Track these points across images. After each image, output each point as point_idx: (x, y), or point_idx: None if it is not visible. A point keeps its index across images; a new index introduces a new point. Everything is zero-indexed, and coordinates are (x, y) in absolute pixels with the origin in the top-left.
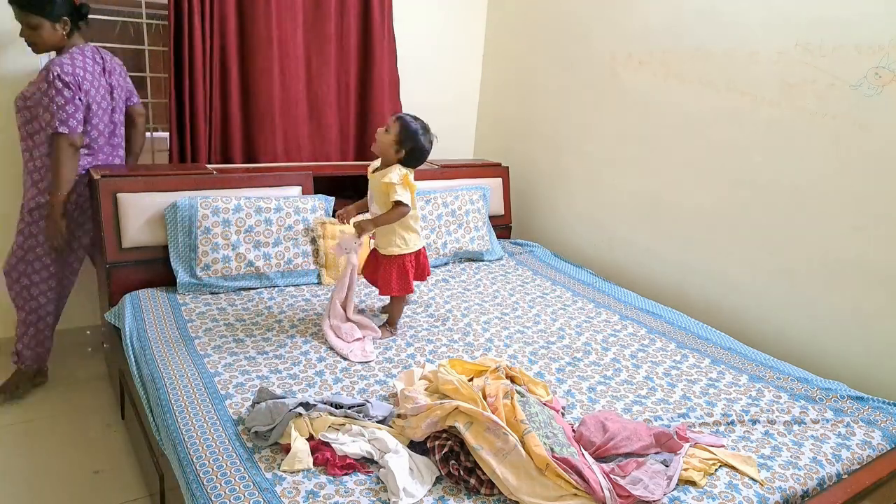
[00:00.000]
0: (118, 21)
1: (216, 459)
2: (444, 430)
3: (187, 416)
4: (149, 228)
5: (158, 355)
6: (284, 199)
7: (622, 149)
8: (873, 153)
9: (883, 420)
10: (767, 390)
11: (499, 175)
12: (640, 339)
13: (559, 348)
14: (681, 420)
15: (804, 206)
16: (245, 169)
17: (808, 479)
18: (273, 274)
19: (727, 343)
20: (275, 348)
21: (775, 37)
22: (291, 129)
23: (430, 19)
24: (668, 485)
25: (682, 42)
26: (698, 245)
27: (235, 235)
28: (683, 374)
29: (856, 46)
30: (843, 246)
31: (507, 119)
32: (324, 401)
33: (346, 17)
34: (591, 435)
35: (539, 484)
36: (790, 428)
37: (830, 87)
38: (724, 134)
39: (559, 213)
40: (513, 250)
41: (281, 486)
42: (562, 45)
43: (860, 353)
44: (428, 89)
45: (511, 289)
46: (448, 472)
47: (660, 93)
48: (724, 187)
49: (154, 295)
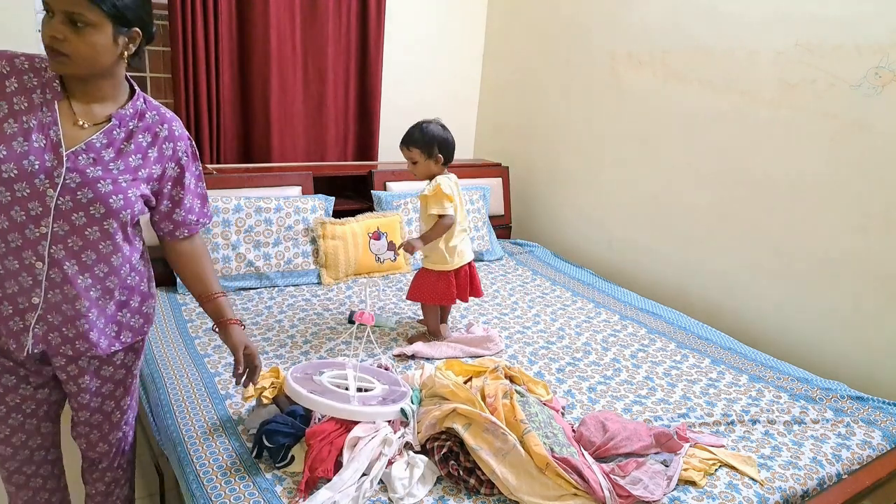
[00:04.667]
0: None
1: (216, 459)
2: (443, 430)
3: (187, 416)
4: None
5: (158, 355)
6: (284, 199)
7: (622, 149)
8: (873, 153)
9: (883, 420)
10: (767, 390)
11: (499, 175)
12: (640, 339)
13: (559, 348)
14: (681, 420)
15: (804, 206)
16: (245, 169)
17: (808, 479)
18: (273, 274)
19: (727, 343)
20: (275, 348)
21: (775, 36)
22: (289, 128)
23: (430, 19)
24: (668, 485)
25: (682, 42)
26: (698, 245)
27: (235, 235)
28: (683, 374)
29: (856, 46)
30: (843, 246)
31: (507, 119)
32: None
33: (345, 17)
34: (591, 435)
35: (539, 483)
36: (790, 428)
37: (830, 86)
38: (724, 134)
39: (559, 213)
40: (513, 250)
41: (281, 486)
42: (562, 45)
43: (860, 353)
44: (428, 89)
45: (511, 289)
46: (448, 472)
47: (660, 93)
48: (724, 187)
49: None
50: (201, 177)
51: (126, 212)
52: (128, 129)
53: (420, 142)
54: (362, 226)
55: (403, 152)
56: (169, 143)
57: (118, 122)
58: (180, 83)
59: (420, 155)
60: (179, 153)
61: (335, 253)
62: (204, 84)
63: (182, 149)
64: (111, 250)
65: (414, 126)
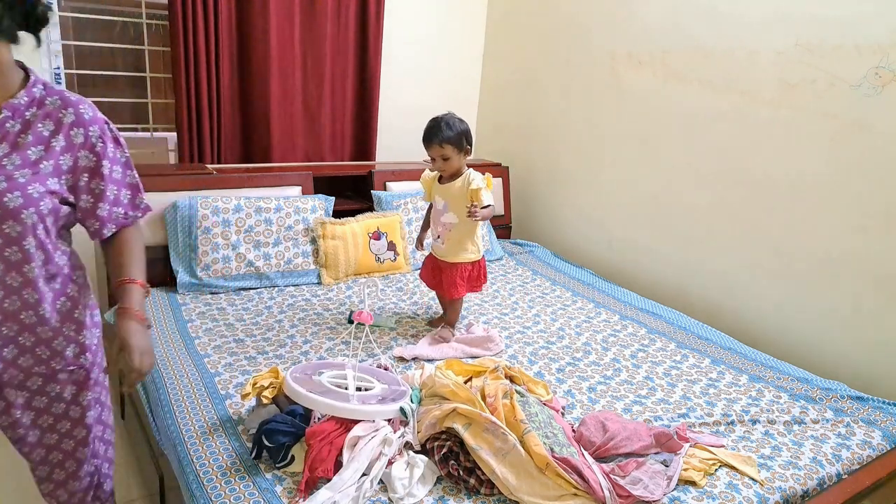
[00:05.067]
0: (118, 21)
1: (216, 459)
2: (443, 430)
3: (187, 416)
4: (149, 228)
5: (158, 355)
6: (284, 199)
7: (622, 149)
8: (873, 153)
9: (883, 420)
10: (767, 390)
11: (499, 175)
12: (640, 339)
13: (559, 348)
14: (681, 420)
15: (804, 206)
16: (245, 169)
17: (808, 479)
18: (273, 274)
19: (727, 343)
20: (275, 348)
21: (775, 37)
22: (289, 128)
23: (429, 19)
24: (668, 485)
25: (682, 42)
26: (698, 245)
27: (235, 235)
28: (683, 374)
29: (856, 46)
30: (843, 246)
31: (507, 119)
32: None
33: (344, 17)
34: (591, 435)
35: (539, 483)
36: (790, 428)
37: (830, 86)
38: (723, 134)
39: (559, 213)
40: (513, 250)
41: (281, 486)
42: (562, 45)
43: (860, 353)
44: (428, 89)
45: (511, 289)
46: (448, 472)
47: (660, 93)
48: (724, 187)
49: (154, 295)
50: (129, 164)
51: (28, 211)
52: (24, 120)
53: (453, 138)
54: (362, 226)
55: (434, 150)
56: (78, 129)
57: (11, 112)
58: (181, 83)
59: (453, 150)
60: (93, 139)
61: (335, 253)
62: (205, 84)
63: (95, 134)
64: (20, 258)
65: (436, 123)
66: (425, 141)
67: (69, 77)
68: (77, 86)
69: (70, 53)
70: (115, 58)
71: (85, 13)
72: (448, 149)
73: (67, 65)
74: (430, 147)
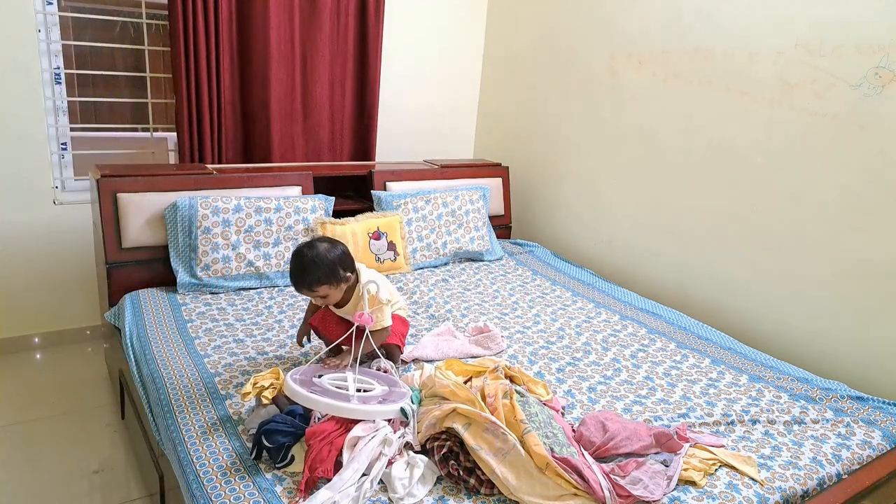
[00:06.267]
0: (118, 21)
1: (216, 459)
2: (443, 430)
3: (187, 416)
4: (149, 228)
5: (158, 355)
6: (284, 199)
7: (622, 149)
8: (873, 153)
9: (883, 420)
10: (767, 390)
11: (499, 175)
12: (640, 339)
13: (559, 348)
14: (681, 420)
15: (804, 206)
16: (245, 169)
17: (808, 479)
18: (273, 274)
19: (727, 343)
20: (275, 348)
21: (775, 37)
22: (287, 128)
23: (430, 20)
24: (668, 485)
25: (682, 42)
26: (698, 245)
27: (235, 235)
28: (683, 374)
29: (856, 46)
30: (843, 246)
31: (507, 119)
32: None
33: (343, 17)
34: (591, 435)
35: (539, 483)
36: (790, 428)
37: (830, 87)
38: (723, 134)
39: (559, 213)
40: (513, 250)
41: (281, 486)
42: (562, 45)
43: (860, 353)
44: (428, 89)
45: (511, 289)
46: (448, 472)
47: (660, 93)
48: (724, 187)
49: (154, 295)
50: None
51: None
52: None
53: (323, 278)
54: (362, 226)
55: (306, 294)
56: None
57: None
58: (181, 83)
59: (329, 287)
60: None
61: None
62: (205, 84)
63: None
64: None
65: (299, 264)
66: (293, 285)
67: (69, 77)
68: (77, 86)
69: (70, 53)
70: (114, 58)
71: (85, 13)
72: (322, 289)
73: (67, 65)
74: (300, 292)
